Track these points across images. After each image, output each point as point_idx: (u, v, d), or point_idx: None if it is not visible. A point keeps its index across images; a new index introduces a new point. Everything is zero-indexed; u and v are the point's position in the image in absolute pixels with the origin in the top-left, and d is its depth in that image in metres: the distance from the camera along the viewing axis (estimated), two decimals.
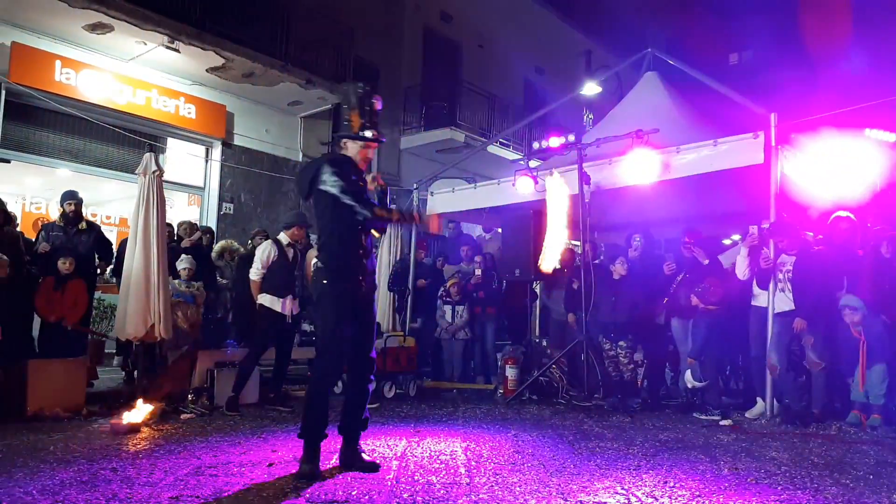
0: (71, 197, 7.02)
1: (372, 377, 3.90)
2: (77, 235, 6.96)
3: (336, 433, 3.84)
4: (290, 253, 6.30)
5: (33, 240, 7.14)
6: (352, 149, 3.85)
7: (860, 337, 5.47)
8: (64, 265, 6.35)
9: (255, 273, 6.20)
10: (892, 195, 6.20)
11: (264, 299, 6.15)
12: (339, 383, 6.57)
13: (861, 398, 5.52)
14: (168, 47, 9.37)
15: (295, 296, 6.22)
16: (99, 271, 7.40)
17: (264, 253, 6.21)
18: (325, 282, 3.73)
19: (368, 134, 3.82)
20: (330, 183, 3.68)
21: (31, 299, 6.24)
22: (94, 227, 7.26)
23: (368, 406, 6.07)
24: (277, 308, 6.11)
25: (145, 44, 9.31)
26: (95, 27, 8.84)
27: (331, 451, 3.89)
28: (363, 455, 3.88)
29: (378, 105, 3.88)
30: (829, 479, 3.71)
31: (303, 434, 3.66)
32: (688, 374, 6.20)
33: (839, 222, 6.05)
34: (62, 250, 6.55)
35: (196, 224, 8.46)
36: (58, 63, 9.07)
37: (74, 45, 9.23)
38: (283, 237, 6.33)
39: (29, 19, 8.69)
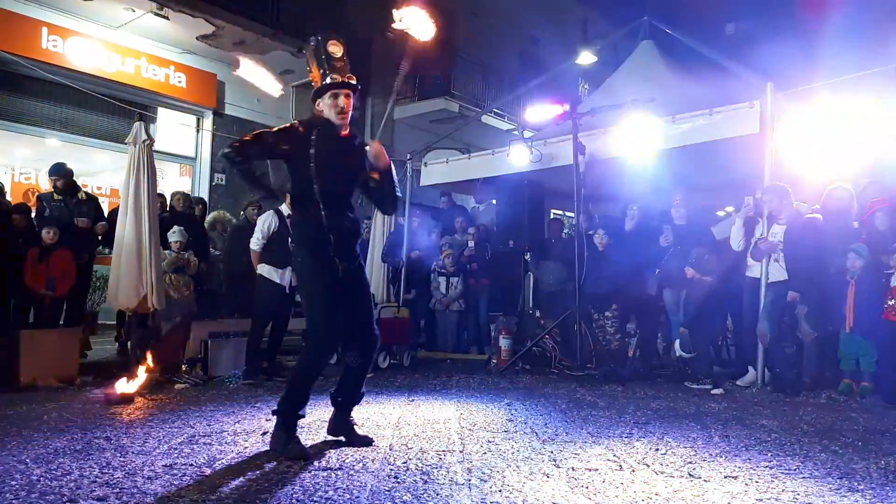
0: (58, 171, 6.92)
1: (371, 353, 3.68)
2: (77, 206, 6.89)
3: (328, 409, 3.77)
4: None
5: (34, 211, 7.06)
6: (325, 107, 3.50)
7: (850, 280, 5.52)
8: (48, 235, 6.29)
9: (255, 243, 6.18)
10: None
11: (263, 270, 6.14)
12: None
13: (851, 367, 5.57)
14: (157, 14, 9.21)
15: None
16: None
17: (265, 223, 6.18)
18: (297, 259, 3.54)
19: (328, 80, 3.44)
20: None
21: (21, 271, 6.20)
22: (93, 198, 7.20)
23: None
24: (276, 279, 6.11)
25: (134, 10, 9.14)
26: None
27: (323, 421, 3.90)
28: (355, 427, 3.74)
29: (333, 48, 3.48)
30: (818, 445, 3.75)
31: (280, 411, 3.44)
32: (677, 343, 6.24)
33: (835, 192, 6.04)
34: (48, 221, 6.49)
35: (189, 195, 8.40)
36: (44, 30, 8.92)
37: (61, 12, 9.06)
38: (285, 208, 6.29)
39: None
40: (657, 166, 7.15)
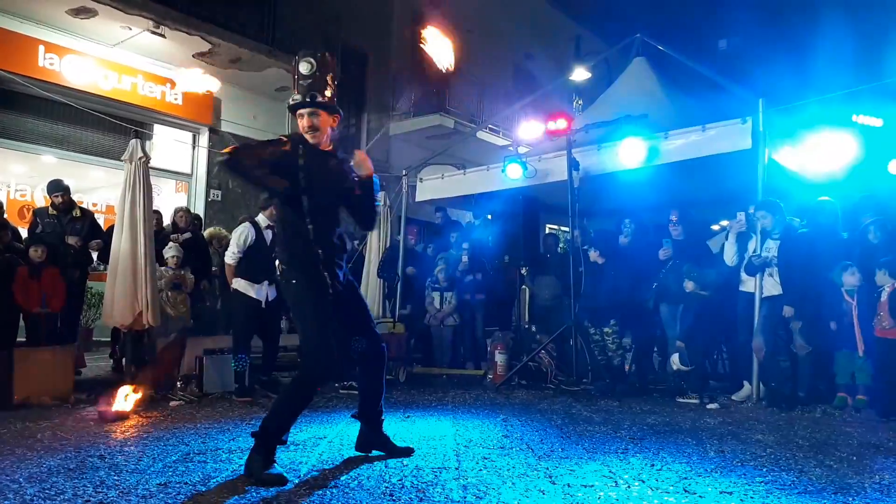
0: (57, 188, 6.91)
1: (376, 367, 3.71)
2: (71, 223, 6.88)
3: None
4: (269, 236, 5.99)
5: (28, 227, 7.03)
6: (299, 126, 3.51)
7: (852, 301, 5.53)
8: (36, 253, 6.26)
9: (230, 257, 5.95)
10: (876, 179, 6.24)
11: (239, 284, 5.93)
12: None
13: (846, 380, 5.58)
14: (153, 32, 9.24)
15: (271, 281, 5.92)
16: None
17: (241, 236, 5.94)
18: (289, 279, 3.45)
19: (290, 102, 3.50)
20: None
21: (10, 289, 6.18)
22: (87, 214, 7.19)
23: (354, 392, 6.17)
24: (252, 294, 5.90)
25: (130, 28, 9.18)
26: (79, 11, 8.71)
27: (318, 437, 3.90)
28: (391, 440, 3.80)
29: (303, 66, 3.44)
30: (813, 460, 3.75)
31: (263, 432, 3.29)
32: (674, 357, 6.24)
33: (823, 206, 6.09)
34: (38, 238, 6.49)
35: (190, 210, 8.38)
36: (41, 48, 8.94)
37: (58, 30, 9.09)
38: (262, 219, 6.06)
39: (11, 3, 8.52)
40: (651, 182, 7.20)
